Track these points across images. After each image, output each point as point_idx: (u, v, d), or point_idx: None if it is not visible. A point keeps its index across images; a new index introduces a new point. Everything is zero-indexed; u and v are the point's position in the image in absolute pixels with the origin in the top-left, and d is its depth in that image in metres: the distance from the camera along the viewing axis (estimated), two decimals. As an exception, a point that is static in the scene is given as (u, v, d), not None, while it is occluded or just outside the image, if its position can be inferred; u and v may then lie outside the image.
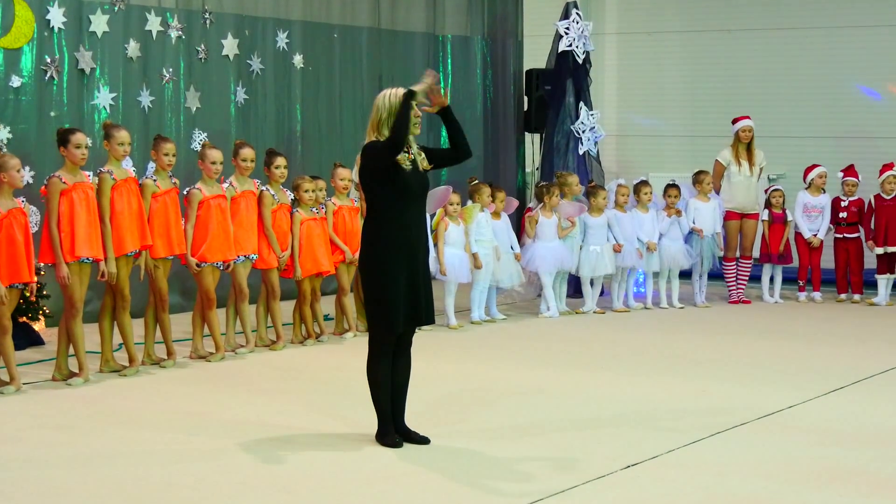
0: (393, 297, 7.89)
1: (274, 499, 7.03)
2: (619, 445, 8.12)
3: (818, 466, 7.69)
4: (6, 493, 7.08)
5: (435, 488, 7.21)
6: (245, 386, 10.04)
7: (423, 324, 8.13)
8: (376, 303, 7.94)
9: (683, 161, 17.00)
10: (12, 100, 12.29)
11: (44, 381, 10.09)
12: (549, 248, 13.65)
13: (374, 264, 7.95)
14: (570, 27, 15.35)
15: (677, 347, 12.07)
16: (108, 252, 10.11)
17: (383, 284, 7.90)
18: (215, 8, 14.14)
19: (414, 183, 7.93)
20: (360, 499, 7.05)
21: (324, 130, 15.41)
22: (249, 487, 7.22)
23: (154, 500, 7.00)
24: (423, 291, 8.04)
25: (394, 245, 7.90)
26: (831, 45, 17.10)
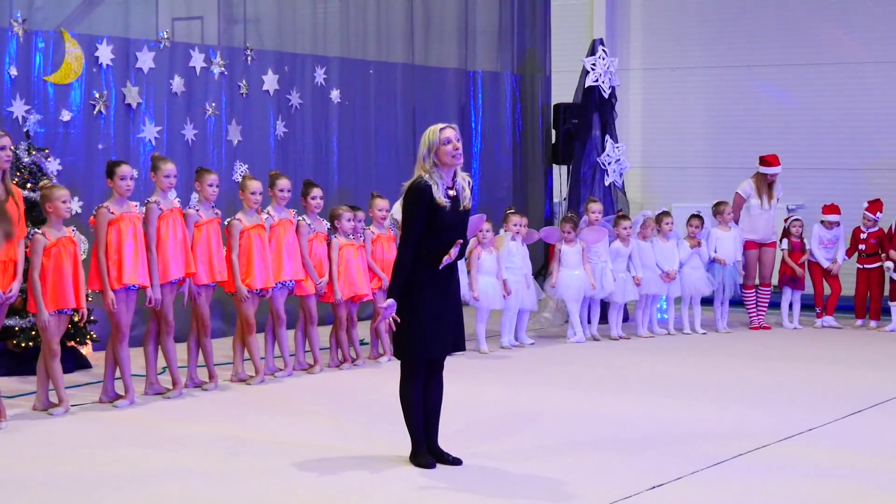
0: (423, 324, 7.99)
1: (313, 516, 7.16)
2: (645, 466, 8.20)
3: (838, 488, 7.76)
4: (56, 511, 7.26)
5: (467, 507, 7.33)
6: (283, 408, 10.16)
7: (452, 351, 8.21)
8: (406, 328, 8.02)
9: (706, 192, 17.05)
10: (62, 133, 12.42)
11: (91, 402, 10.24)
12: (572, 276, 13.75)
13: (405, 292, 8.03)
14: (597, 63, 15.47)
15: (700, 371, 12.12)
16: (153, 279, 10.26)
17: (415, 313, 7.99)
18: (256, 45, 14.29)
19: (449, 219, 7.99)
20: (395, 517, 7.19)
21: (359, 162, 15.49)
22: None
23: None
24: (453, 319, 8.15)
25: (427, 277, 7.99)
26: (848, 80, 17.16)
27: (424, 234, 7.98)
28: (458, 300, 8.27)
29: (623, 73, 17.27)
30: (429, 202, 7.95)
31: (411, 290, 8.02)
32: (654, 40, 18.60)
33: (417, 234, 7.97)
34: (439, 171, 8.00)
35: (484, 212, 13.76)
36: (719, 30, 18.10)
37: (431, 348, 8.09)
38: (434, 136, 7.98)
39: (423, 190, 7.96)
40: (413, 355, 8.11)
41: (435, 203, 7.94)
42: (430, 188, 7.95)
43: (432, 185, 7.96)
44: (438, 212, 7.97)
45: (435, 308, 8.03)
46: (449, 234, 8.01)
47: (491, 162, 17.30)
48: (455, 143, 7.96)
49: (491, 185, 17.09)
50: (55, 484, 7.82)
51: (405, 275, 7.99)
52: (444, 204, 7.96)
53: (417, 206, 7.97)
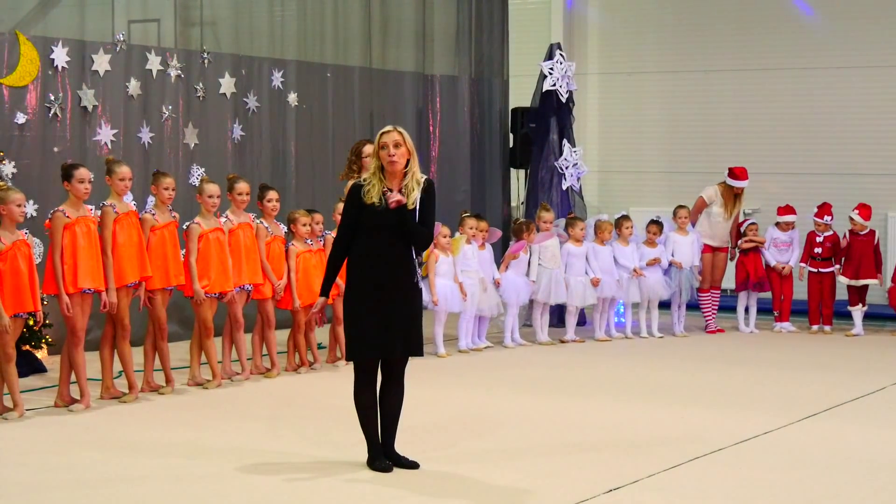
0: (360, 326, 8.00)
1: (270, 521, 7.15)
2: (601, 470, 8.22)
3: (793, 491, 7.80)
4: (9, 515, 7.23)
5: (423, 511, 7.33)
6: (241, 412, 10.14)
7: (394, 355, 8.10)
8: (348, 332, 8.08)
9: (663, 196, 17.22)
10: (17, 136, 12.38)
11: (46, 407, 10.17)
12: (516, 280, 13.82)
13: (346, 295, 8.13)
14: (554, 67, 15.57)
15: (657, 375, 12.18)
16: (109, 283, 10.21)
17: (351, 314, 8.06)
18: (213, 48, 14.28)
19: (383, 222, 7.98)
20: (351, 521, 7.17)
21: (317, 166, 15.49)
22: None
23: (154, 522, 7.13)
24: (399, 324, 8.06)
25: (360, 277, 8.05)
26: (803, 85, 17.31)
27: (360, 235, 8.05)
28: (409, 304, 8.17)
29: (580, 77, 17.30)
30: (358, 202, 8.04)
31: (350, 291, 8.10)
32: (611, 45, 18.71)
33: (348, 235, 8.10)
34: (383, 172, 8.05)
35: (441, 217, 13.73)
36: (676, 35, 18.23)
37: (370, 350, 8.06)
38: (377, 139, 8.06)
39: (353, 190, 8.11)
40: (354, 356, 8.11)
41: (364, 202, 8.00)
42: (360, 188, 8.05)
43: (368, 185, 8.03)
44: (369, 210, 8.01)
45: (374, 309, 8.01)
46: (384, 232, 8.03)
47: (449, 166, 17.32)
48: (390, 150, 7.96)
49: (449, 188, 17.05)
50: (9, 490, 7.77)
51: (334, 273, 8.21)
52: (376, 202, 7.98)
53: (348, 206, 8.14)
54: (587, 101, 18.42)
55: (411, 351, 8.20)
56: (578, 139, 16.26)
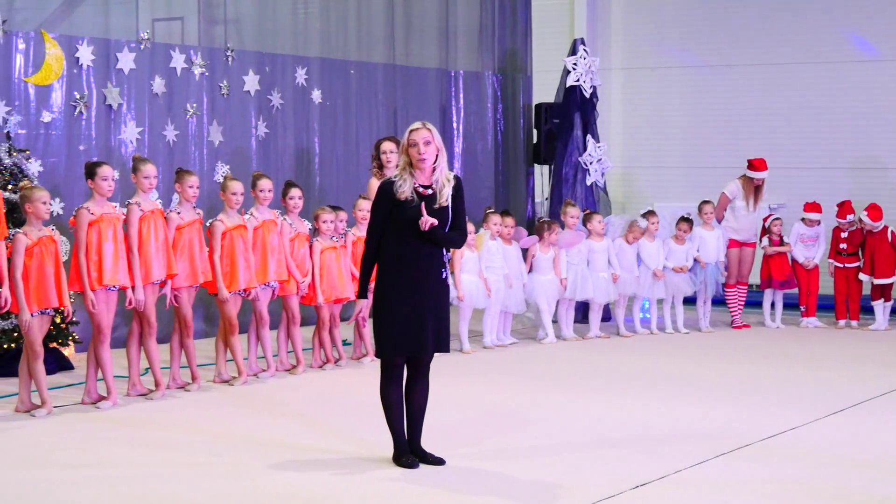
0: (392, 323, 8.01)
1: (295, 517, 7.18)
2: (627, 466, 8.22)
3: (820, 487, 7.79)
4: (38, 513, 7.23)
5: (449, 507, 7.35)
6: (266, 409, 10.15)
7: (427, 352, 8.13)
8: (379, 327, 8.07)
9: (686, 191, 17.17)
10: (43, 134, 12.41)
11: (73, 404, 10.22)
12: (545, 281, 13.82)
13: (377, 293, 8.10)
14: (578, 63, 15.54)
15: (682, 371, 12.14)
16: (135, 280, 10.26)
17: (383, 312, 8.04)
18: (237, 45, 14.28)
19: (416, 218, 7.96)
20: (377, 518, 7.20)
21: (341, 163, 15.50)
22: None
23: (181, 518, 7.17)
24: (432, 320, 8.10)
25: (392, 275, 8.03)
26: (828, 80, 17.24)
27: (392, 232, 8.04)
28: (439, 301, 8.20)
29: (604, 72, 17.29)
30: (390, 199, 8.02)
31: (382, 289, 8.07)
32: (635, 40, 18.68)
33: (378, 233, 8.09)
34: (413, 168, 8.05)
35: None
36: (700, 29, 18.18)
37: (400, 347, 8.07)
38: (406, 136, 8.05)
39: (383, 188, 8.09)
40: (385, 354, 8.12)
41: (397, 199, 8.00)
42: (391, 185, 8.05)
43: (398, 181, 8.03)
44: (402, 206, 8.01)
45: (406, 307, 8.02)
46: (417, 228, 7.99)
47: (472, 162, 17.33)
48: (420, 148, 7.98)
49: (473, 185, 17.00)
50: (37, 485, 7.81)
51: (368, 273, 8.15)
52: (409, 198, 8.00)
53: (378, 205, 8.11)
54: (611, 97, 18.38)
55: (441, 347, 8.21)
56: (602, 135, 16.19)
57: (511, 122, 17.79)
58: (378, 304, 8.08)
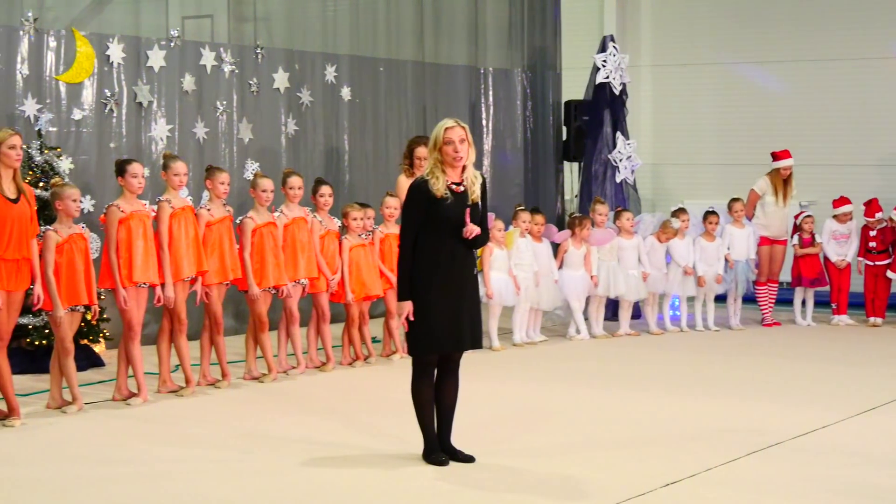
0: (429, 321, 7.98)
1: (325, 514, 7.20)
2: (658, 463, 8.22)
3: (852, 485, 7.76)
4: (70, 510, 7.32)
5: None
6: (297, 406, 10.18)
7: (464, 349, 8.15)
8: (414, 325, 8.03)
9: (717, 188, 17.11)
10: (74, 132, 12.47)
11: (104, 400, 10.27)
12: (575, 276, 13.79)
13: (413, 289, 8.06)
14: (607, 60, 15.48)
15: (713, 368, 12.13)
16: (166, 277, 10.30)
17: (419, 310, 7.99)
18: (267, 43, 14.33)
19: (453, 215, 7.98)
20: (407, 515, 7.22)
21: (370, 160, 15.53)
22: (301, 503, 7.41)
23: (212, 514, 7.19)
24: (467, 317, 8.10)
25: (430, 272, 8.00)
26: (860, 76, 17.15)
27: (428, 230, 8.01)
28: (473, 297, 8.23)
29: (634, 69, 17.23)
30: (426, 197, 8.00)
31: (418, 287, 8.03)
32: (665, 36, 18.63)
33: (414, 232, 8.04)
34: (444, 166, 8.04)
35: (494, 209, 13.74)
36: (730, 25, 18.11)
37: (438, 344, 8.06)
38: (440, 133, 8.01)
39: (417, 187, 8.06)
40: (420, 351, 8.11)
41: (433, 196, 7.98)
42: (425, 184, 8.01)
43: (431, 179, 8.00)
44: (439, 204, 7.99)
45: (443, 304, 8.01)
46: (454, 225, 8.00)
47: (502, 159, 17.30)
48: (456, 146, 7.98)
49: (502, 182, 17.11)
50: (68, 482, 7.84)
51: (409, 272, 8.05)
52: (445, 195, 7.98)
53: (413, 204, 8.07)
54: (641, 94, 18.34)
55: (475, 344, 8.21)
56: (632, 131, 16.15)
57: (540, 119, 17.76)
58: (417, 302, 8.02)
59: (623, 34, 18.11)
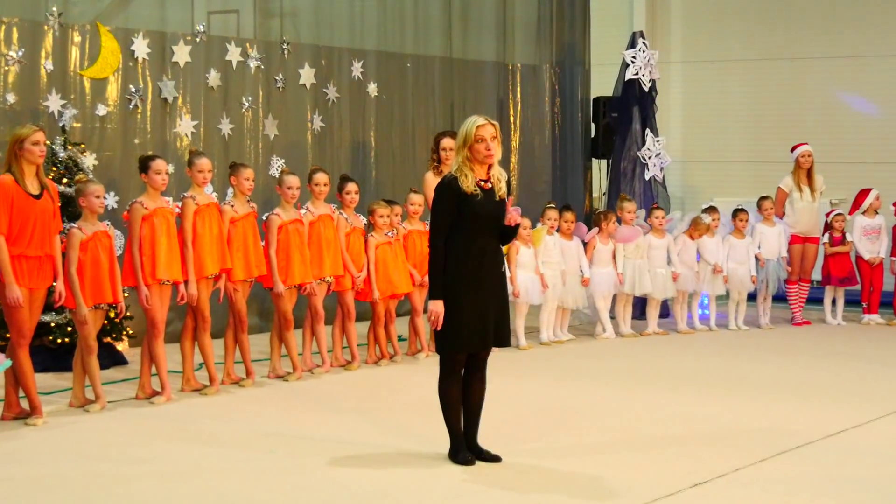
0: (459, 319, 7.94)
1: (351, 514, 7.16)
2: (686, 464, 8.17)
3: (883, 487, 7.72)
4: (92, 508, 7.31)
5: (506, 506, 7.30)
6: (322, 405, 10.14)
7: (492, 347, 8.14)
8: (444, 324, 7.98)
9: (747, 186, 17.09)
10: (98, 128, 12.47)
11: (127, 399, 10.23)
12: (602, 273, 13.75)
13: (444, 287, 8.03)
14: (637, 56, 15.49)
15: (742, 368, 12.09)
16: (189, 275, 10.27)
17: (450, 307, 7.94)
18: (293, 39, 14.30)
19: (483, 212, 7.96)
20: (434, 515, 7.18)
21: (397, 157, 15.51)
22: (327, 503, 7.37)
23: (236, 514, 7.16)
24: (495, 315, 8.08)
25: (461, 270, 7.96)
26: (890, 73, 17.09)
27: (458, 227, 7.97)
28: (501, 295, 8.20)
29: (663, 65, 17.18)
30: (456, 194, 7.95)
31: (448, 285, 7.98)
32: (695, 33, 18.59)
33: (446, 230, 7.98)
34: (472, 163, 8.00)
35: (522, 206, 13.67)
36: (761, 21, 18.06)
37: (468, 343, 8.03)
38: (471, 130, 7.96)
39: (447, 185, 8.00)
40: (450, 350, 8.06)
41: (463, 193, 7.94)
42: (455, 181, 7.96)
43: (460, 177, 7.96)
44: (469, 201, 7.94)
45: (473, 302, 7.97)
46: (484, 222, 7.98)
47: (530, 156, 17.26)
48: (488, 143, 7.95)
49: (530, 179, 17.09)
50: (92, 481, 7.82)
51: (441, 271, 7.98)
52: (475, 192, 7.95)
53: (444, 202, 8.01)
54: (670, 90, 18.28)
55: (502, 342, 8.20)
56: (661, 129, 16.13)
57: (569, 115, 17.69)
58: (448, 301, 7.97)
59: (653, 30, 18.08)
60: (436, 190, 8.10)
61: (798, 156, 14.93)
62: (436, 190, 8.10)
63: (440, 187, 8.05)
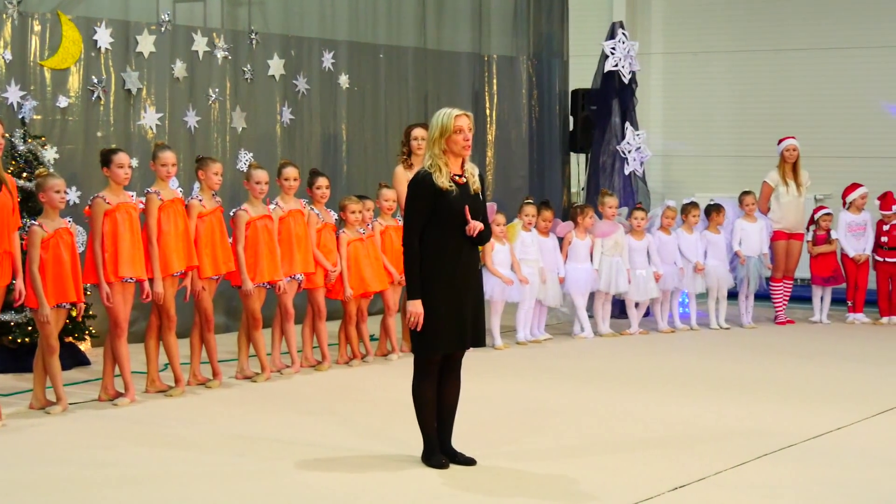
0: (436, 320, 7.90)
1: (320, 519, 7.10)
2: (666, 467, 8.16)
3: (866, 489, 7.73)
4: (53, 512, 7.21)
5: (480, 510, 7.31)
6: (291, 406, 10.11)
7: (468, 347, 8.10)
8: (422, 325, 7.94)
9: (730, 181, 17.08)
10: (59, 120, 12.38)
11: (90, 401, 10.15)
12: (580, 269, 13.68)
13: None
14: (616, 47, 15.43)
15: (723, 368, 12.14)
16: (154, 272, 10.20)
17: (426, 308, 7.90)
18: (261, 28, 14.23)
19: (459, 208, 7.93)
20: (406, 521, 7.12)
21: (369, 150, 15.47)
22: None
23: (200, 520, 7.09)
24: (471, 315, 8.05)
25: (437, 269, 7.93)
26: (878, 65, 17.17)
27: (433, 225, 7.94)
28: (477, 294, 8.17)
29: (644, 57, 17.21)
30: (431, 191, 7.91)
31: (425, 284, 7.95)
32: (676, 23, 18.66)
33: (420, 228, 7.96)
34: (447, 156, 7.95)
35: (498, 202, 13.66)
36: (744, 12, 18.17)
37: (446, 344, 8.01)
38: (448, 121, 7.94)
39: (421, 181, 7.97)
40: (426, 351, 8.03)
41: (438, 189, 7.90)
42: (429, 176, 7.94)
43: (434, 171, 7.94)
44: (444, 197, 7.91)
45: (449, 302, 7.94)
46: (460, 219, 7.92)
47: (506, 150, 17.27)
48: (466, 134, 7.94)
49: (506, 173, 17.14)
50: (53, 485, 7.79)
51: (418, 270, 7.95)
52: (450, 187, 7.90)
53: (418, 199, 7.98)
54: (651, 82, 18.36)
55: (478, 342, 8.17)
56: (642, 122, 16.12)
57: (546, 108, 17.70)
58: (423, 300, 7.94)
59: (633, 20, 18.10)
60: (409, 186, 8.06)
61: (783, 149, 14.92)
62: (409, 186, 8.06)
63: (413, 184, 8.02)
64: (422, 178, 7.95)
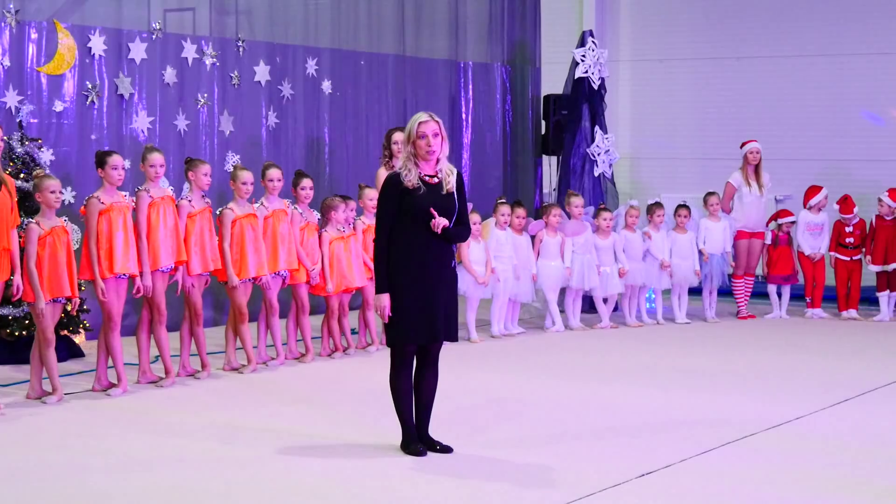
0: (404, 311, 8.03)
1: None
2: (633, 454, 8.26)
3: (825, 476, 7.81)
4: (49, 498, 7.31)
5: (456, 496, 7.38)
6: (276, 397, 10.18)
7: (439, 340, 8.18)
8: (390, 317, 8.08)
9: (694, 182, 17.06)
10: (55, 123, 12.41)
11: (84, 391, 10.24)
12: (550, 266, 13.84)
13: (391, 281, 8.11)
14: (586, 54, 15.52)
15: (689, 360, 12.14)
16: (143, 267, 10.28)
17: (395, 301, 8.03)
18: (248, 36, 14.26)
19: (425, 206, 8.01)
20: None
21: (350, 153, 15.48)
22: (280, 493, 7.42)
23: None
24: (442, 309, 8.14)
25: (405, 264, 8.06)
26: (836, 72, 17.21)
27: (402, 221, 8.07)
28: (451, 289, 8.27)
29: (612, 64, 17.33)
30: (399, 190, 8.06)
31: (394, 278, 8.08)
32: (643, 32, 18.66)
33: (388, 226, 8.09)
34: (416, 158, 8.10)
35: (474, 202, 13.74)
36: (708, 21, 18.15)
37: (415, 335, 8.10)
38: (412, 127, 8.08)
39: (391, 180, 8.13)
40: (397, 342, 8.15)
41: (405, 188, 8.04)
42: (397, 177, 8.08)
43: (403, 172, 8.07)
44: (411, 195, 8.04)
45: (417, 295, 8.06)
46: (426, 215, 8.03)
47: (481, 153, 17.29)
48: (429, 140, 8.03)
49: (481, 175, 17.09)
50: (48, 472, 7.86)
51: (385, 265, 8.10)
52: (417, 186, 8.04)
53: (387, 197, 8.12)
54: (619, 88, 18.40)
55: (450, 336, 8.26)
56: (610, 126, 16.21)
57: (520, 113, 17.74)
58: (394, 294, 8.08)
59: (602, 29, 18.12)
60: (381, 188, 8.22)
61: (747, 152, 15.04)
62: (381, 188, 8.22)
63: (385, 183, 8.17)
64: (391, 178, 8.09)
